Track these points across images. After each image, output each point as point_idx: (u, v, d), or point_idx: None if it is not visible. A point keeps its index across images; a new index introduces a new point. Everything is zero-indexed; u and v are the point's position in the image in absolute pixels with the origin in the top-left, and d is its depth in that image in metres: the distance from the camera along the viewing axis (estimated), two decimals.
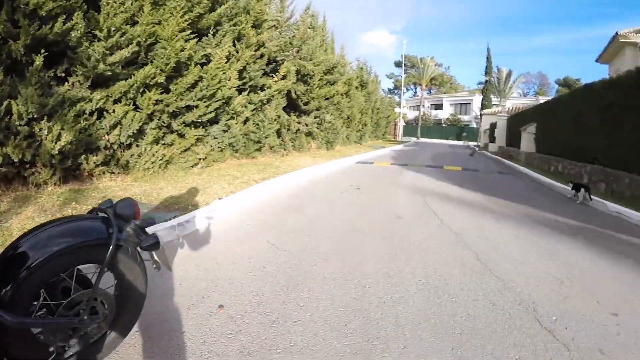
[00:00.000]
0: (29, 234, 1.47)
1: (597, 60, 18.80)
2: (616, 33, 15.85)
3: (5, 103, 3.95)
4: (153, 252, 1.70)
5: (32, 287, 1.39)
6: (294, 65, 10.09)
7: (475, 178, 9.64)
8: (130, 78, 5.22)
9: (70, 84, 4.62)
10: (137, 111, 5.44)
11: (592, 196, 6.62)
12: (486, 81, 39.50)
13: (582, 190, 6.80)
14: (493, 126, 24.87)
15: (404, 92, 48.76)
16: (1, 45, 4.01)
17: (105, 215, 1.61)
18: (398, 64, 54.36)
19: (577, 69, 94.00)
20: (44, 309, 1.47)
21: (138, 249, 1.69)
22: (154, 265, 1.72)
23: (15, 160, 4.13)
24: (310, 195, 6.07)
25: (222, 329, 2.08)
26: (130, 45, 5.04)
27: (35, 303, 1.44)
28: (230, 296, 2.46)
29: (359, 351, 1.94)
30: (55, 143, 4.33)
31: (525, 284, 2.88)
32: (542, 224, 4.82)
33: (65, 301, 1.49)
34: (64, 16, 4.31)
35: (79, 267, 1.55)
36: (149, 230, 1.75)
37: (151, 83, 5.52)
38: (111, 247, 1.51)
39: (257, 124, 8.83)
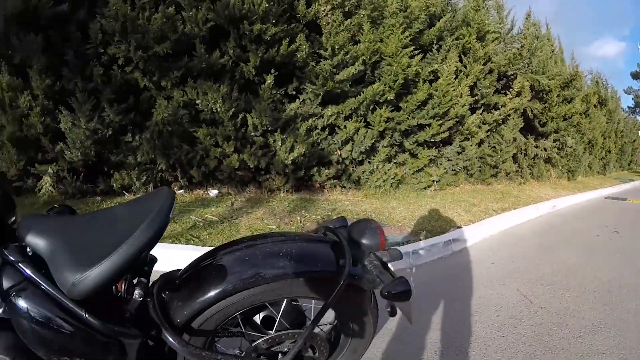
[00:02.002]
0: (239, 244, 1.16)
1: None
2: None
3: (241, 116, 4.60)
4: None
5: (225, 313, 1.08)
6: (527, 80, 8.54)
7: None
8: (360, 95, 5.30)
9: (301, 101, 5.00)
10: (369, 128, 5.51)
11: None
12: None
13: None
14: None
15: None
16: (234, 67, 4.68)
17: (336, 239, 1.16)
18: (635, 76, 40.91)
19: None
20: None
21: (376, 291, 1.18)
22: (388, 309, 1.13)
23: (251, 166, 4.74)
24: (559, 235, 4.85)
25: None
26: (356, 63, 5.11)
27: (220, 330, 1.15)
28: None
29: None
30: (288, 154, 4.74)
31: None
32: None
33: (264, 336, 1.15)
34: (288, 39, 4.68)
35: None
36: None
37: (380, 100, 5.50)
38: (340, 284, 1.03)
39: (494, 147, 7.87)
